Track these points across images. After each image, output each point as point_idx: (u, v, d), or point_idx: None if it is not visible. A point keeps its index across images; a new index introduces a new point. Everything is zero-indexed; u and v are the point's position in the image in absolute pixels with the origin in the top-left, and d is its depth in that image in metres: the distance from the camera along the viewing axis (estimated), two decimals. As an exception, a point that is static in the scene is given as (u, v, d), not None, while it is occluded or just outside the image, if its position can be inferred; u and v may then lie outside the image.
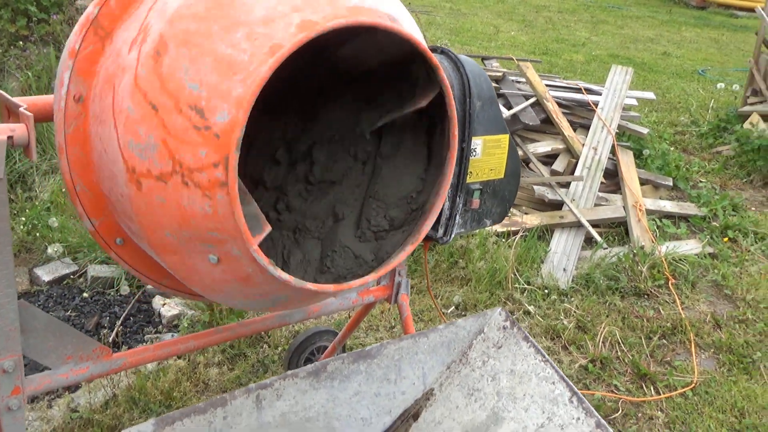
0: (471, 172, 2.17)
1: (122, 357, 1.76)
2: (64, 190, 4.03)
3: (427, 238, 2.18)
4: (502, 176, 2.28)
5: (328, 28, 1.32)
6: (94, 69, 1.48)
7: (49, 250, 3.63)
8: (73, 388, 2.80)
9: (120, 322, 3.20)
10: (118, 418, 2.59)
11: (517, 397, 1.86)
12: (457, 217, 2.20)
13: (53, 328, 1.61)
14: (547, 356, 1.87)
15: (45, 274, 3.55)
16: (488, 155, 2.20)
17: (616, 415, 2.97)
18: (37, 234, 3.76)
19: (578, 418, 1.72)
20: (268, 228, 1.40)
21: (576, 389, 1.77)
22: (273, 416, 1.81)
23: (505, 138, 2.22)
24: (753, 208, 5.26)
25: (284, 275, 1.45)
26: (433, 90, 1.65)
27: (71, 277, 3.58)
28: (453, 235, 2.25)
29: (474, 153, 2.14)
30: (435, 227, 2.19)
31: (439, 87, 1.60)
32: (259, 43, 1.31)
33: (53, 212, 3.95)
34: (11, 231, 1.48)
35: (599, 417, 1.70)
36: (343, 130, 1.92)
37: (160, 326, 3.28)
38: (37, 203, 3.98)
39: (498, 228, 4.28)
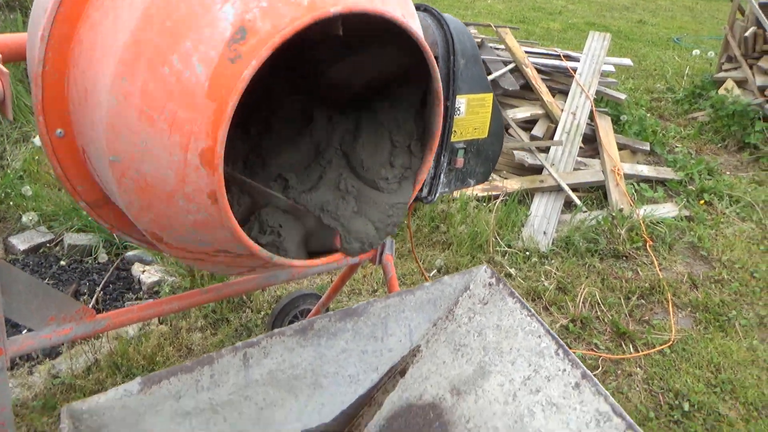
0: (455, 131, 2.15)
1: (106, 318, 1.73)
2: (36, 158, 3.95)
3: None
4: (486, 136, 2.27)
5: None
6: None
7: (24, 219, 3.56)
8: (53, 354, 2.77)
9: (100, 288, 3.16)
10: (101, 383, 2.57)
11: (504, 351, 1.87)
12: (442, 176, 2.19)
13: (35, 290, 1.57)
14: (532, 311, 1.89)
15: (20, 242, 3.48)
16: (472, 114, 2.19)
17: (596, 372, 3.02)
18: (11, 203, 3.68)
19: (564, 370, 1.74)
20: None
21: (562, 342, 1.79)
22: (260, 374, 1.80)
23: (489, 97, 2.21)
24: (728, 172, 5.34)
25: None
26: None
27: (47, 245, 3.52)
28: (437, 195, 2.24)
29: (458, 112, 2.13)
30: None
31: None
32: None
33: (26, 180, 3.86)
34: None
35: (585, 368, 1.72)
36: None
37: (141, 293, 3.25)
38: (9, 171, 3.89)
39: (479, 192, 4.29)
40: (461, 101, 2.12)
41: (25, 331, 2.43)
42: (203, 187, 1.26)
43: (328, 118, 1.82)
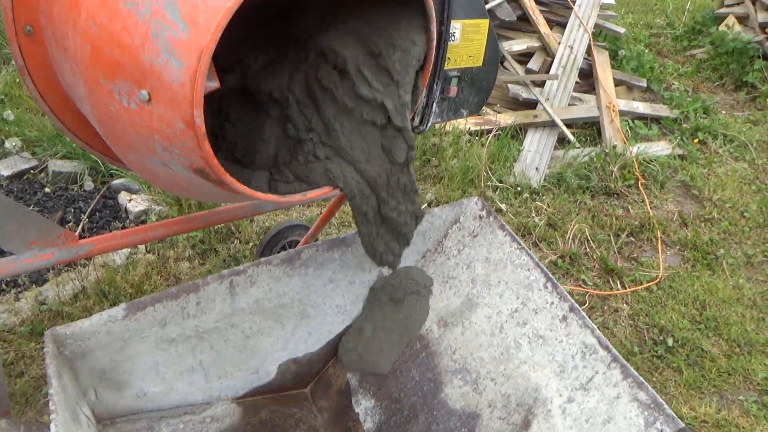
0: (449, 59, 2.08)
1: (89, 243, 1.70)
2: (18, 81, 3.83)
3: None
4: (481, 64, 2.20)
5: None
6: None
7: (7, 144, 3.48)
8: (40, 281, 2.75)
9: (86, 216, 3.11)
10: (88, 310, 2.56)
11: (492, 284, 1.87)
12: (434, 105, 2.13)
13: (13, 212, 1.53)
14: (522, 244, 1.87)
15: (3, 168, 3.41)
16: (467, 41, 2.11)
17: (583, 308, 3.04)
18: (-7, 127, 3.59)
19: (552, 303, 1.74)
20: (217, 84, 1.24)
21: (550, 275, 1.78)
22: (247, 303, 1.79)
23: (485, 23, 2.12)
24: (723, 111, 5.27)
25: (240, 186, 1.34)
26: None
27: (31, 172, 3.45)
28: (429, 125, 2.19)
29: (453, 38, 2.05)
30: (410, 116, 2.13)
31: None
32: None
33: (8, 105, 3.76)
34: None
35: (573, 301, 1.72)
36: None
37: (128, 222, 3.21)
38: (-10, 95, 3.78)
39: (471, 126, 4.22)
40: (456, 26, 2.04)
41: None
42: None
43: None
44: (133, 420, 1.70)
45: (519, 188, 3.81)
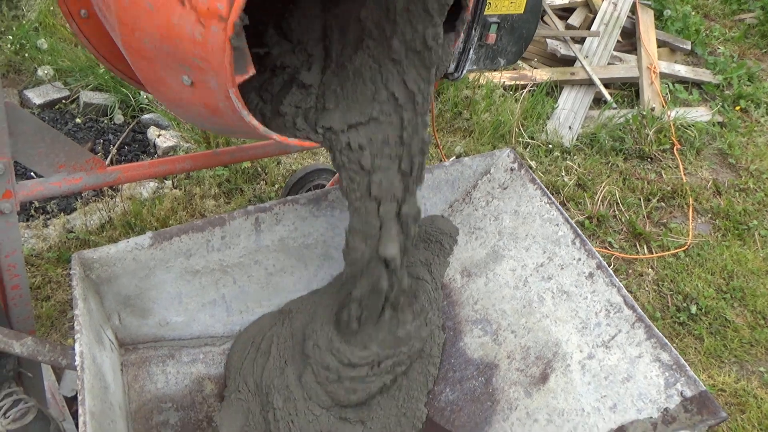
0: (489, 3, 2.01)
1: (116, 171, 1.70)
2: (52, 9, 3.82)
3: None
4: (522, 11, 2.12)
5: None
6: None
7: (39, 72, 3.48)
8: (68, 209, 2.79)
9: (115, 148, 3.13)
10: (114, 241, 2.58)
11: (519, 237, 1.84)
12: (471, 52, 2.07)
13: (43, 134, 1.53)
14: (552, 199, 1.83)
15: (36, 96, 3.42)
16: (510, -15, 2.04)
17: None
18: (26, 55, 3.59)
19: (579, 259, 1.71)
20: (252, 70, 1.25)
21: (579, 231, 1.75)
22: (271, 240, 1.79)
23: (530, -33, 2.04)
24: (769, 80, 5.09)
25: (254, 121, 1.32)
26: None
27: (63, 102, 3.46)
28: (464, 72, 2.13)
29: (496, -19, 1.97)
30: (447, 61, 2.07)
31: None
32: None
33: (42, 33, 3.75)
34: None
35: (600, 259, 1.69)
36: None
37: (155, 156, 3.22)
38: (24, 22, 3.77)
39: (506, 81, 4.13)
40: (500, -30, 1.96)
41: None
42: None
43: None
44: (155, 347, 1.72)
45: (550, 146, 3.74)
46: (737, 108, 4.51)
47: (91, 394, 1.31)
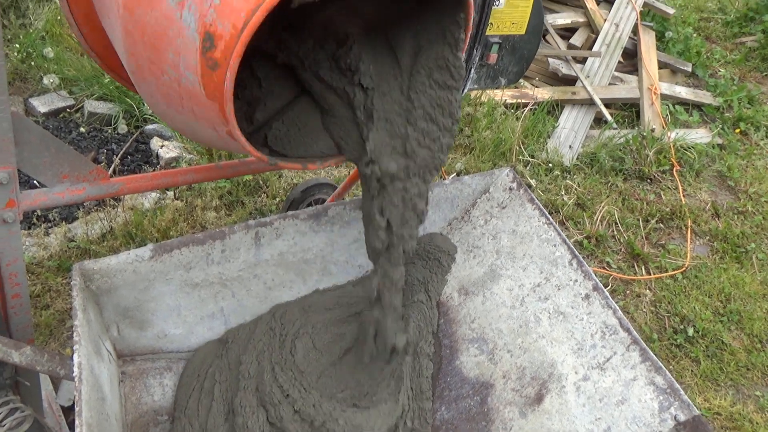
0: (492, 24, 2.03)
1: (119, 182, 1.71)
2: (59, 18, 3.85)
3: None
4: (524, 32, 2.15)
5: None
6: None
7: (45, 81, 3.51)
8: (69, 218, 2.80)
9: (117, 158, 3.15)
10: (114, 251, 2.60)
11: (517, 257, 1.85)
12: (472, 71, 2.10)
13: (48, 144, 1.54)
14: (551, 219, 1.85)
15: (41, 105, 3.45)
16: (512, 7, 2.06)
17: (605, 290, 3.01)
18: (32, 63, 3.62)
19: (576, 280, 1.72)
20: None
21: (577, 253, 1.76)
22: (271, 254, 1.80)
23: (532, -10, 2.07)
24: (769, 103, 5.12)
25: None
26: None
27: (67, 110, 3.49)
28: (465, 90, 2.16)
29: (497, 2, 2.00)
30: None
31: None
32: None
33: (48, 42, 3.78)
34: (5, 56, 1.38)
35: (597, 280, 1.70)
36: None
37: (158, 167, 3.24)
38: (31, 31, 3.80)
39: (507, 99, 4.16)
40: (502, -8, 1.99)
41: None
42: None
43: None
44: (153, 359, 1.73)
45: (550, 165, 3.76)
46: (737, 130, 4.54)
47: (89, 405, 1.32)
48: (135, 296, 1.66)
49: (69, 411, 1.94)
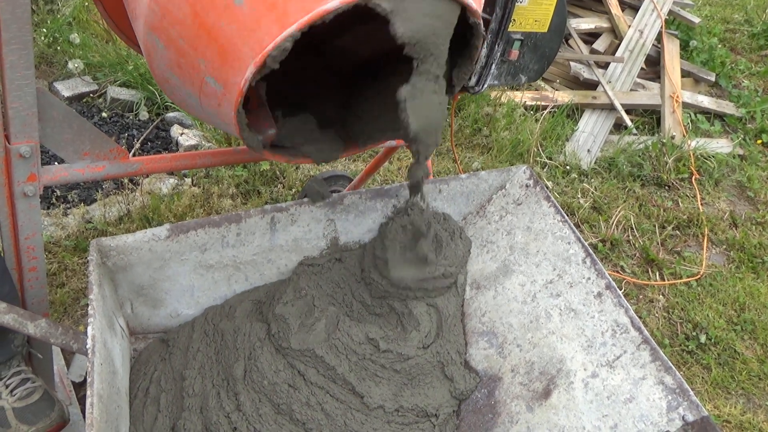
0: (514, 20, 2.03)
1: (139, 161, 1.74)
2: (86, 5, 3.90)
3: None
4: (546, 30, 2.15)
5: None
6: None
7: (70, 65, 3.55)
8: (88, 200, 2.84)
9: (138, 144, 3.18)
10: (131, 233, 2.63)
11: (530, 253, 1.85)
12: (493, 67, 2.10)
13: (71, 120, 1.57)
14: (566, 217, 1.84)
15: (65, 89, 3.50)
16: (535, 4, 2.06)
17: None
18: (58, 48, 3.68)
19: (588, 278, 1.71)
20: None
21: (591, 251, 1.76)
22: (285, 240, 1.81)
23: (556, -13, 2.07)
24: (792, 116, 5.06)
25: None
26: None
27: (91, 95, 3.53)
28: (485, 86, 2.16)
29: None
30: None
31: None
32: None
33: (75, 28, 3.83)
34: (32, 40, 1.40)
35: (610, 279, 1.69)
36: None
37: (177, 154, 3.27)
38: (59, 16, 3.85)
39: (527, 101, 4.15)
40: (526, -11, 1.99)
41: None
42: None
43: None
44: (164, 338, 1.75)
45: (568, 168, 3.75)
46: (759, 142, 4.49)
47: (100, 377, 1.34)
48: (150, 275, 1.68)
49: (80, 387, 1.97)
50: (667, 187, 3.84)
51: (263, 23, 1.27)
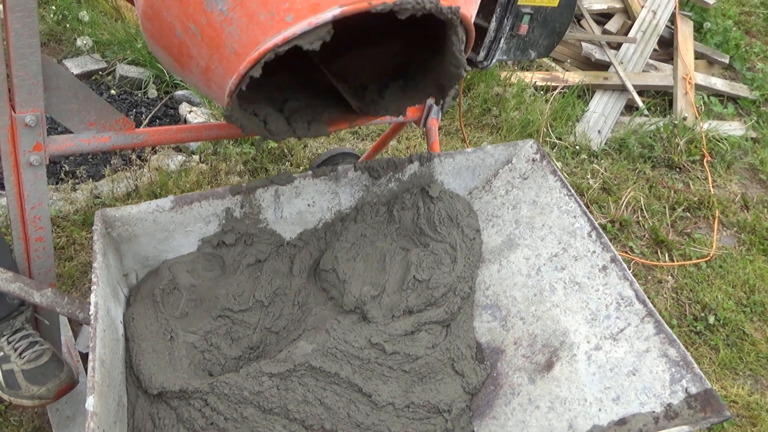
0: (524, -6, 2.01)
1: (144, 133, 1.74)
2: (95, -17, 3.89)
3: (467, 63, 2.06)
4: (556, 5, 2.12)
5: None
6: None
7: (78, 42, 3.55)
8: (96, 176, 2.85)
9: (146, 121, 3.18)
10: (138, 209, 2.64)
11: (535, 227, 1.84)
12: (502, 41, 2.08)
13: (76, 90, 1.57)
14: (572, 191, 1.83)
15: (74, 66, 3.50)
16: (545, -22, 2.04)
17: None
18: (67, 25, 3.67)
19: (594, 252, 1.70)
20: None
21: (596, 225, 1.74)
22: (289, 213, 1.81)
23: (567, -39, 2.04)
24: (807, 99, 4.99)
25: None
26: None
27: (99, 73, 3.54)
28: (494, 61, 2.14)
29: (531, -27, 1.98)
30: (476, 49, 2.08)
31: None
32: None
33: (84, 5, 3.83)
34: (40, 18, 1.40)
35: (615, 252, 1.68)
36: None
37: (185, 132, 3.27)
38: (68, -6, 3.85)
39: (538, 81, 4.11)
40: (536, -38, 1.96)
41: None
42: None
43: None
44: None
45: (578, 148, 3.72)
46: (772, 124, 4.44)
47: (103, 343, 1.35)
48: (154, 246, 1.69)
49: (87, 357, 1.98)
50: (678, 169, 3.81)
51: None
